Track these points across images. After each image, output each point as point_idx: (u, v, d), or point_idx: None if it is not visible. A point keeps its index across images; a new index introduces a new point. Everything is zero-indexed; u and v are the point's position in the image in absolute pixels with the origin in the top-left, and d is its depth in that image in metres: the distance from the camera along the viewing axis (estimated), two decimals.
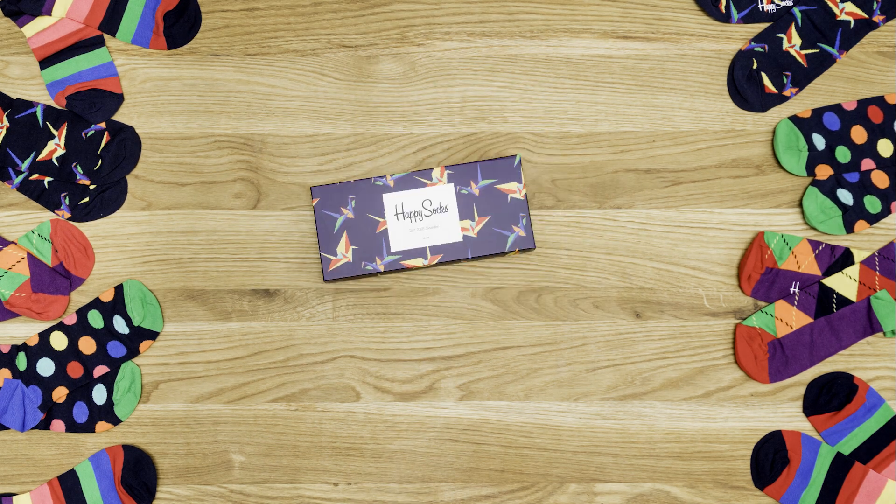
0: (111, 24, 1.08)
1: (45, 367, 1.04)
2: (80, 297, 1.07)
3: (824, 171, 1.05)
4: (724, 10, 1.08)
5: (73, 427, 1.04)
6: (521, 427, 1.05)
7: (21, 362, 1.04)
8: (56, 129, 1.07)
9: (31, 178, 1.07)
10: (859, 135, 1.06)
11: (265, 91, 1.08)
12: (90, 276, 1.07)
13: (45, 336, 1.05)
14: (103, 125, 1.08)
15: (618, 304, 1.05)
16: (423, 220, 1.01)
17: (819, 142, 1.06)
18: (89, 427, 1.04)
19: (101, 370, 1.04)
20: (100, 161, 1.07)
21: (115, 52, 1.09)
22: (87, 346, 1.05)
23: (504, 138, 1.07)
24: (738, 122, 1.08)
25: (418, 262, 1.01)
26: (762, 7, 1.08)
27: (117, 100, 1.08)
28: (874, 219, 1.05)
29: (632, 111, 1.08)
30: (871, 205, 1.05)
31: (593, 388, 1.05)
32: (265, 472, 1.05)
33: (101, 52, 1.08)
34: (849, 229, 1.05)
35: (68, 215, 1.07)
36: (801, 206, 1.06)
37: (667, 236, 1.06)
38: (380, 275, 1.04)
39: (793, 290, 1.05)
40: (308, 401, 1.05)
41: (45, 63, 1.08)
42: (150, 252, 1.07)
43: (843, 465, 1.02)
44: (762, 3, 1.08)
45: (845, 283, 1.04)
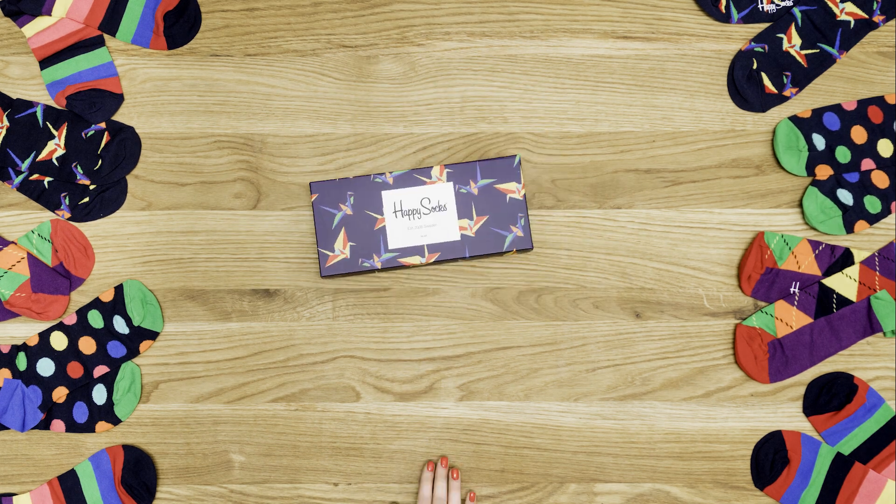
0: (111, 24, 1.08)
1: (45, 367, 1.04)
2: (80, 297, 1.07)
3: (824, 171, 1.05)
4: (724, 10, 1.08)
5: (73, 427, 1.04)
6: (521, 427, 1.05)
7: (21, 362, 1.04)
8: (56, 129, 1.07)
9: (31, 178, 1.07)
10: (859, 135, 1.06)
11: (265, 91, 1.08)
12: (90, 276, 1.07)
13: (45, 336, 1.05)
14: (103, 125, 1.08)
15: (618, 304, 1.05)
16: (421, 219, 1.01)
17: (819, 142, 1.06)
18: (89, 427, 1.04)
19: (101, 370, 1.04)
20: (100, 161, 1.07)
21: (115, 52, 1.09)
22: (87, 346, 1.05)
23: (504, 138, 1.07)
24: (738, 122, 1.08)
25: (416, 260, 1.01)
26: (762, 7, 1.08)
27: (117, 100, 1.08)
28: (874, 219, 1.05)
29: (632, 111, 1.08)
30: (871, 205, 1.05)
31: (593, 388, 1.05)
32: (265, 472, 1.05)
33: (101, 52, 1.08)
34: (849, 229, 1.05)
35: (68, 215, 1.07)
36: (801, 206, 1.06)
37: (667, 236, 1.06)
38: (377, 272, 1.04)
39: (793, 290, 1.05)
40: (308, 401, 1.05)
41: (45, 63, 1.08)
42: (150, 252, 1.07)
43: (843, 465, 1.02)
44: (762, 3, 1.08)
45: (845, 283, 1.04)
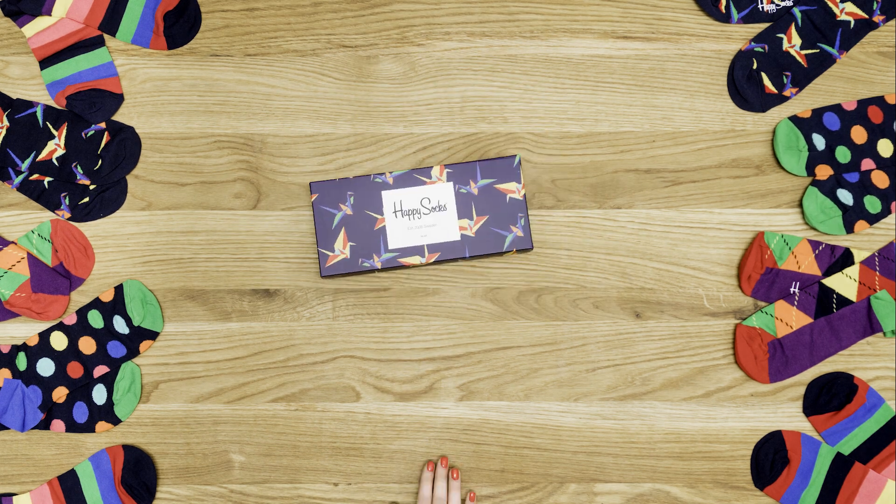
0: (111, 24, 1.08)
1: (45, 367, 1.04)
2: (80, 297, 1.07)
3: (824, 171, 1.05)
4: (724, 10, 1.08)
5: (73, 427, 1.04)
6: (521, 427, 1.05)
7: (21, 362, 1.04)
8: (56, 129, 1.07)
9: (31, 178, 1.07)
10: (859, 135, 1.06)
11: (265, 91, 1.08)
12: (90, 276, 1.07)
13: (45, 336, 1.05)
14: (103, 125, 1.08)
15: (618, 304, 1.05)
16: (421, 219, 1.01)
17: (819, 142, 1.06)
18: (89, 427, 1.04)
19: (101, 370, 1.04)
20: (100, 161, 1.07)
21: (115, 52, 1.09)
22: (87, 346, 1.05)
23: (504, 138, 1.07)
24: (738, 122, 1.08)
25: (416, 260, 1.01)
26: (762, 7, 1.08)
27: (117, 100, 1.08)
28: (874, 219, 1.05)
29: (632, 111, 1.08)
30: (871, 205, 1.05)
31: (593, 388, 1.05)
32: (265, 472, 1.05)
33: (101, 52, 1.08)
34: (849, 229, 1.05)
35: (68, 215, 1.07)
36: (801, 206, 1.06)
37: (667, 236, 1.06)
38: (377, 272, 1.04)
39: (793, 290, 1.05)
40: (308, 401, 1.05)
41: (45, 63, 1.08)
42: (150, 252, 1.07)
43: (843, 465, 1.02)
44: (762, 3, 1.08)
45: (845, 283, 1.04)
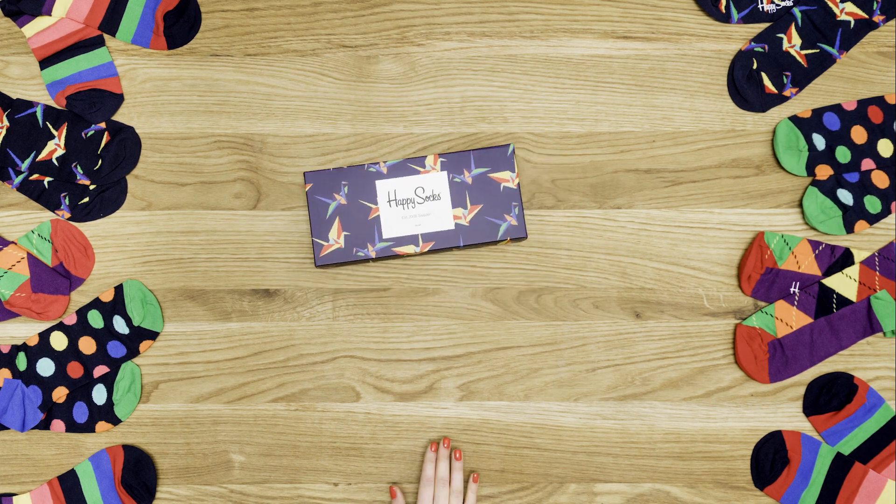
0: (111, 24, 1.08)
1: (45, 367, 1.04)
2: (80, 297, 1.07)
3: (824, 171, 1.05)
4: (724, 10, 1.08)
5: (73, 427, 1.04)
6: (521, 427, 1.05)
7: (21, 362, 1.04)
8: (56, 129, 1.07)
9: (31, 178, 1.07)
10: (859, 135, 1.06)
11: (265, 91, 1.08)
12: (90, 276, 1.07)
13: (45, 336, 1.05)
14: (103, 125, 1.08)
15: (618, 304, 1.05)
16: (415, 208, 1.01)
17: (819, 142, 1.06)
18: (89, 427, 1.04)
19: (101, 370, 1.04)
20: (100, 161, 1.07)
21: (115, 52, 1.09)
22: (87, 346, 1.05)
23: (504, 138, 1.07)
24: (738, 122, 1.08)
25: (410, 250, 1.01)
26: (762, 7, 1.08)
27: (117, 100, 1.08)
28: (874, 219, 1.05)
29: (632, 111, 1.08)
30: (871, 205, 1.05)
31: (593, 388, 1.05)
32: (265, 472, 1.05)
33: (101, 52, 1.08)
34: (849, 229, 1.05)
35: (68, 215, 1.07)
36: (801, 206, 1.06)
37: (667, 236, 1.06)
38: (371, 261, 1.03)
39: (793, 290, 1.05)
40: (308, 401, 1.05)
41: (45, 63, 1.08)
42: (150, 252, 1.07)
43: (843, 465, 1.02)
44: (762, 3, 1.08)
45: (845, 283, 1.04)
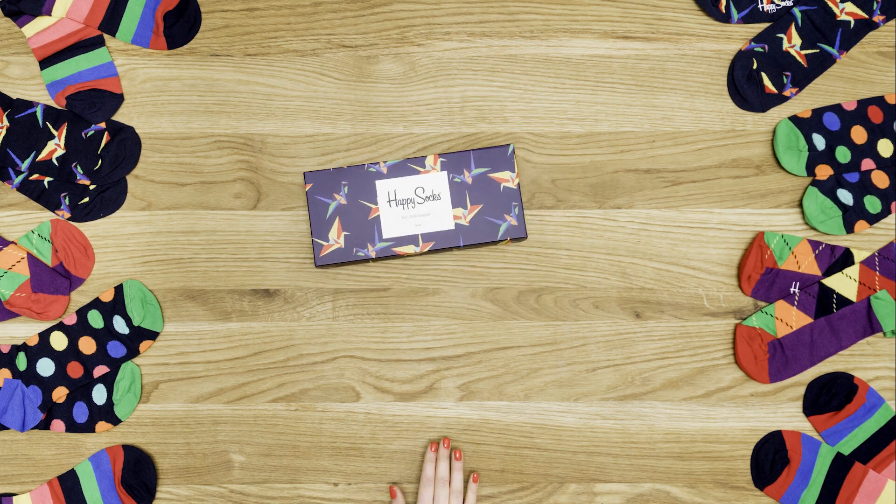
0: (111, 24, 1.08)
1: (45, 367, 1.04)
2: (80, 297, 1.07)
3: (824, 171, 1.05)
4: (724, 10, 1.08)
5: (73, 427, 1.04)
6: (521, 427, 1.05)
7: (21, 362, 1.04)
8: (56, 129, 1.07)
9: (31, 178, 1.07)
10: (859, 135, 1.06)
11: (265, 91, 1.08)
12: (90, 276, 1.07)
13: (45, 336, 1.05)
14: (103, 125, 1.08)
15: (618, 304, 1.05)
16: (415, 208, 1.01)
17: (819, 142, 1.06)
18: (89, 427, 1.04)
19: (101, 370, 1.04)
20: (100, 161, 1.07)
21: (115, 52, 1.09)
22: (87, 346, 1.05)
23: (504, 138, 1.07)
24: (738, 122, 1.08)
25: (410, 250, 1.01)
26: (762, 7, 1.08)
27: (117, 100, 1.08)
28: (874, 219, 1.05)
29: (632, 111, 1.08)
30: (871, 205, 1.05)
31: (593, 388, 1.05)
32: (265, 472, 1.05)
33: (101, 52, 1.08)
34: (849, 229, 1.05)
35: (68, 215, 1.07)
36: (801, 206, 1.06)
37: (667, 236, 1.06)
38: (371, 261, 1.03)
39: (793, 290, 1.05)
40: (308, 401, 1.05)
41: (45, 63, 1.08)
42: (150, 252, 1.07)
43: (843, 465, 1.02)
44: (762, 3, 1.08)
45: (845, 283, 1.04)
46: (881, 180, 1.05)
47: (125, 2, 1.08)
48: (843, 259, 1.04)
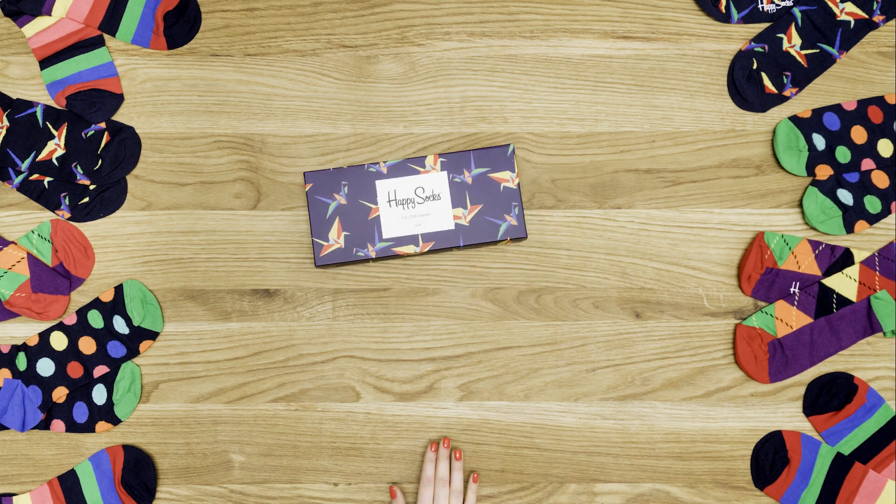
0: (111, 24, 1.08)
1: (45, 367, 1.04)
2: (80, 297, 1.07)
3: (824, 171, 1.05)
4: (724, 10, 1.08)
5: (73, 427, 1.04)
6: (521, 427, 1.05)
7: (21, 362, 1.04)
8: (56, 129, 1.07)
9: (31, 178, 1.07)
10: (859, 135, 1.06)
11: (265, 91, 1.08)
12: (90, 276, 1.07)
13: (45, 336, 1.05)
14: (103, 125, 1.08)
15: (618, 304, 1.05)
16: (415, 208, 1.01)
17: (819, 142, 1.06)
18: (89, 427, 1.04)
19: (101, 370, 1.04)
20: (100, 161, 1.07)
21: (115, 52, 1.09)
22: (87, 346, 1.05)
23: (504, 138, 1.07)
24: (738, 122, 1.08)
25: (410, 250, 1.01)
26: (762, 7, 1.08)
27: (117, 100, 1.08)
28: (874, 219, 1.05)
29: (632, 111, 1.08)
30: (871, 205, 1.05)
31: (593, 388, 1.05)
32: (265, 472, 1.05)
33: (101, 52, 1.08)
34: (849, 229, 1.05)
35: (68, 215, 1.07)
36: (801, 206, 1.06)
37: (667, 236, 1.06)
38: (371, 261, 1.03)
39: (793, 290, 1.05)
40: (308, 401, 1.05)
41: (45, 63, 1.08)
42: (150, 252, 1.07)
43: (843, 465, 1.02)
44: (762, 3, 1.08)
45: (845, 283, 1.04)
46: (881, 180, 1.05)
47: (125, 2, 1.08)
48: (843, 259, 1.04)
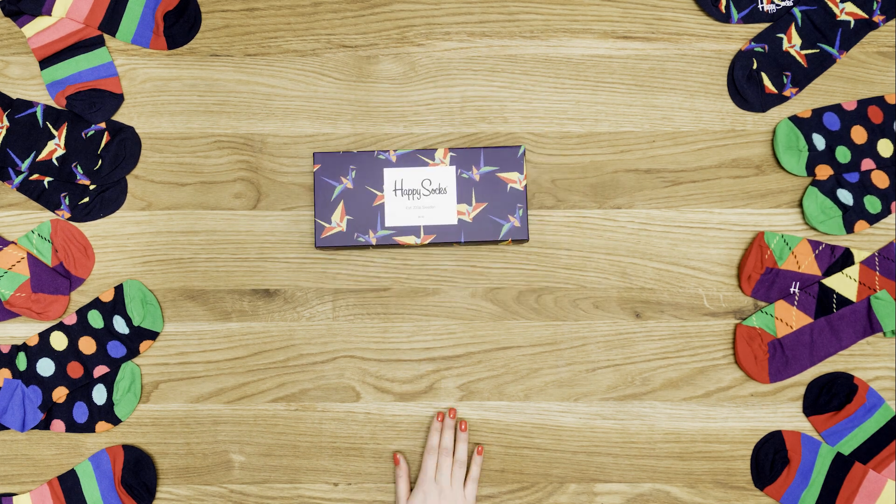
0: (111, 24, 1.08)
1: (45, 367, 1.04)
2: (80, 297, 1.07)
3: (824, 171, 1.05)
4: (724, 10, 1.08)
5: (73, 427, 1.04)
6: (521, 427, 1.05)
7: (21, 362, 1.04)
8: (56, 129, 1.07)
9: (31, 178, 1.07)
10: (859, 135, 1.06)
11: (265, 91, 1.08)
12: (90, 276, 1.07)
13: (45, 336, 1.05)
14: (103, 125, 1.08)
15: (618, 304, 1.05)
16: (420, 199, 1.01)
17: (819, 142, 1.06)
18: (89, 427, 1.04)
19: (101, 370, 1.04)
20: (100, 161, 1.07)
21: (115, 52, 1.09)
22: (87, 346, 1.05)
23: (504, 138, 1.07)
24: (738, 122, 1.08)
25: (411, 240, 1.01)
26: (762, 7, 1.08)
27: (117, 100, 1.08)
28: (874, 219, 1.05)
29: (632, 111, 1.08)
30: (871, 205, 1.05)
31: (593, 388, 1.05)
32: (265, 472, 1.05)
33: (101, 52, 1.08)
34: (849, 229, 1.05)
35: (68, 215, 1.07)
36: (801, 206, 1.06)
37: (667, 236, 1.06)
38: (371, 248, 1.03)
39: (793, 290, 1.05)
40: (308, 401, 1.05)
41: (45, 63, 1.08)
42: (150, 252, 1.07)
43: (843, 465, 1.02)
44: (762, 3, 1.08)
45: (845, 283, 1.04)
46: (881, 180, 1.05)
47: (125, 2, 1.08)
48: (843, 259, 1.04)
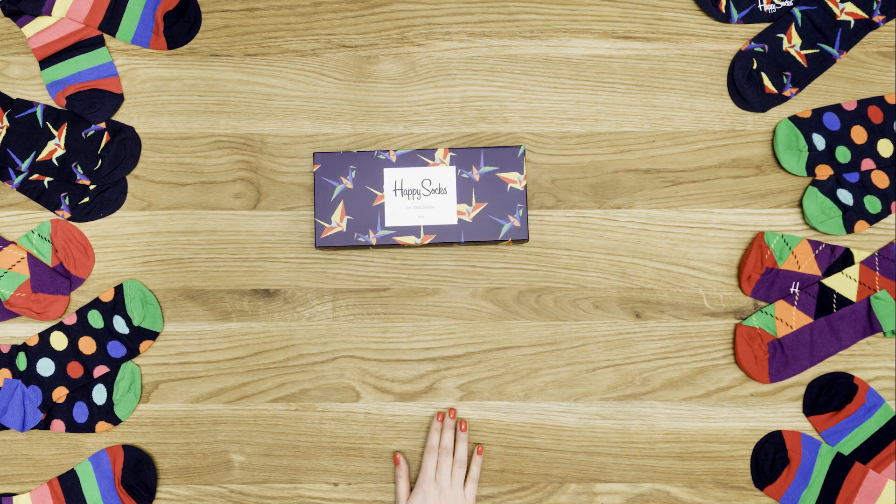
0: (111, 24, 1.08)
1: (45, 367, 1.04)
2: (80, 297, 1.07)
3: (824, 171, 1.05)
4: (724, 10, 1.08)
5: (73, 427, 1.04)
6: (521, 427, 1.05)
7: (21, 362, 1.04)
8: (56, 129, 1.07)
9: (31, 178, 1.07)
10: (859, 135, 1.06)
11: (265, 91, 1.08)
12: (90, 276, 1.07)
13: (45, 336, 1.05)
14: (103, 125, 1.08)
15: (618, 304, 1.05)
16: (420, 199, 1.01)
17: (819, 142, 1.06)
18: (89, 427, 1.04)
19: (101, 370, 1.04)
20: (100, 161, 1.07)
21: (115, 52, 1.09)
22: (87, 346, 1.05)
23: (504, 138, 1.07)
24: (738, 122, 1.08)
25: (411, 240, 1.01)
26: (762, 7, 1.08)
27: (117, 100, 1.08)
28: (874, 219, 1.05)
29: (632, 111, 1.08)
30: (871, 205, 1.05)
31: (593, 388, 1.05)
32: (265, 472, 1.05)
33: (101, 52, 1.08)
34: (849, 229, 1.05)
35: (68, 215, 1.07)
36: (801, 206, 1.06)
37: (667, 236, 1.06)
38: (371, 248, 1.03)
39: (793, 290, 1.05)
40: (308, 401, 1.05)
41: (45, 63, 1.08)
42: (150, 252, 1.07)
43: (843, 465, 1.02)
44: (762, 3, 1.08)
45: (845, 283, 1.04)
46: (881, 180, 1.05)
47: (125, 2, 1.08)
48: (843, 259, 1.04)
